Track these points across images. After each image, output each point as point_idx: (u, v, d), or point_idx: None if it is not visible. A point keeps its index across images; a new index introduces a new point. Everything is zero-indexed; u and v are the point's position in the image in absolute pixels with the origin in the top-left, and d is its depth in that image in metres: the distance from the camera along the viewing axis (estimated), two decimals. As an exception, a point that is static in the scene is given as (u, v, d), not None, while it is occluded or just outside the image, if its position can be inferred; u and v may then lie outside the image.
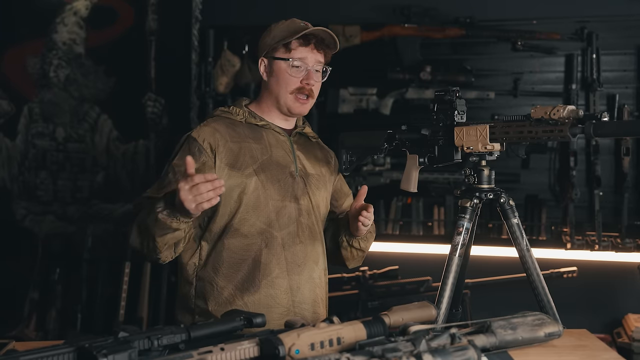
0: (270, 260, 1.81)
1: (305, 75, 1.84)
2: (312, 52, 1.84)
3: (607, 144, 3.35)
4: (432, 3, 3.45)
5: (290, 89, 1.84)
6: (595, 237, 3.21)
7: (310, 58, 1.84)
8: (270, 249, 1.81)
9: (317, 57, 1.86)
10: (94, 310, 3.59)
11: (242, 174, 1.80)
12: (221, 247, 1.81)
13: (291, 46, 1.82)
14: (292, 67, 1.83)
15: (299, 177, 1.88)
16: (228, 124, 1.85)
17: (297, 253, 1.84)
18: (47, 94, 3.82)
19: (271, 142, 1.87)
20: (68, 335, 3.31)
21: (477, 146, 1.75)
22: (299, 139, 1.95)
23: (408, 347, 1.16)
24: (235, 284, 1.80)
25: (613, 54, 3.35)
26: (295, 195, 1.86)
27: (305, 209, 1.87)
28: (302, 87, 1.84)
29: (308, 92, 1.85)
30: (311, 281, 1.87)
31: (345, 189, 2.08)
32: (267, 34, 1.88)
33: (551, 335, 1.47)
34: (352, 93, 3.52)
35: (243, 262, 1.80)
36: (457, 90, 1.80)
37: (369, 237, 1.95)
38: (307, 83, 1.84)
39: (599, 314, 3.32)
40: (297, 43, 1.83)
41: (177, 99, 3.70)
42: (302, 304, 1.85)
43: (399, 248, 3.44)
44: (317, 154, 1.98)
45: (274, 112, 1.90)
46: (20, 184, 3.84)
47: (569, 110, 1.58)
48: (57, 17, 3.79)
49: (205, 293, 1.81)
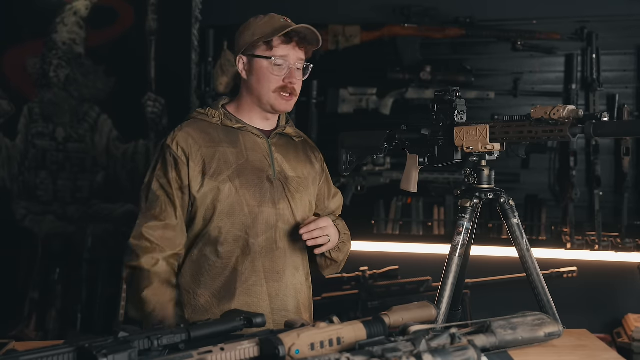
0: (247, 268, 1.77)
1: (288, 73, 1.79)
2: (294, 50, 1.79)
3: (607, 144, 3.34)
4: (432, 3, 3.45)
5: (273, 87, 1.78)
6: (595, 237, 3.21)
7: (292, 56, 1.79)
8: (246, 256, 1.77)
9: (299, 54, 1.80)
10: (94, 310, 3.59)
11: (215, 180, 1.76)
12: (198, 255, 1.79)
13: (273, 44, 1.77)
14: (274, 66, 1.77)
15: (277, 180, 1.82)
16: (203, 128, 1.81)
17: (276, 260, 1.80)
18: (47, 94, 3.82)
19: (247, 146, 1.82)
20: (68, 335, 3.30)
21: (477, 146, 1.75)
22: (279, 141, 1.88)
23: (408, 347, 1.16)
24: (212, 291, 1.78)
25: (613, 54, 3.35)
26: (273, 200, 1.80)
27: (284, 214, 1.82)
28: (285, 86, 1.79)
29: (291, 90, 1.80)
30: (292, 287, 1.84)
31: (331, 189, 2.02)
32: (246, 30, 1.82)
33: (551, 335, 1.47)
34: (352, 93, 3.52)
35: (219, 270, 1.78)
36: (457, 90, 1.79)
37: (341, 247, 1.91)
38: (290, 82, 1.79)
39: (599, 314, 3.32)
40: (279, 40, 1.77)
41: (177, 99, 3.70)
42: (282, 311, 1.81)
43: (399, 248, 3.44)
44: (299, 155, 1.91)
45: (255, 111, 1.84)
46: (20, 184, 3.84)
47: (569, 110, 1.58)
48: (57, 17, 3.79)
49: (182, 300, 1.79)
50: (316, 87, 3.49)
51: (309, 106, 3.48)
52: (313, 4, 3.54)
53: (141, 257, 1.74)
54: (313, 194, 1.93)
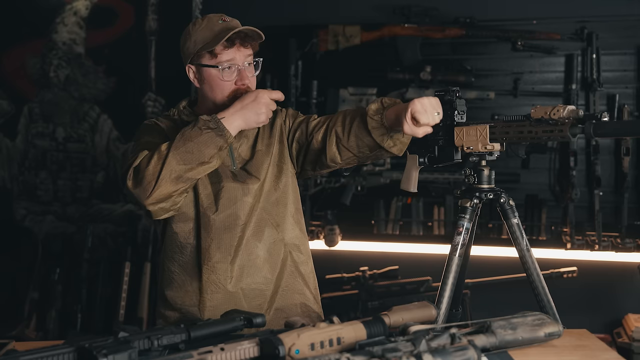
0: (210, 245, 1.77)
1: (238, 75, 1.77)
2: (238, 51, 1.75)
3: (607, 144, 3.35)
4: (432, 3, 3.45)
5: (226, 93, 1.77)
6: (595, 237, 3.22)
7: (238, 57, 1.75)
8: (208, 233, 1.77)
9: (245, 52, 1.77)
10: (94, 310, 3.60)
11: None
12: (170, 232, 1.82)
13: (216, 51, 1.73)
14: (222, 72, 1.75)
15: (238, 170, 1.81)
16: (172, 121, 1.86)
17: (241, 235, 1.78)
18: (47, 94, 3.82)
19: None
20: (68, 335, 3.31)
21: (477, 146, 1.75)
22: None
23: (408, 347, 1.16)
24: (183, 267, 1.79)
25: (613, 54, 3.35)
26: (236, 177, 1.79)
27: (253, 188, 1.79)
28: (238, 89, 1.77)
29: (245, 90, 1.77)
30: (264, 263, 1.80)
31: (301, 117, 1.94)
32: (187, 40, 1.79)
33: (551, 335, 1.47)
34: (352, 93, 3.52)
35: (185, 247, 1.79)
36: (457, 90, 1.79)
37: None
38: (242, 84, 1.77)
39: (599, 314, 3.32)
40: (222, 46, 1.73)
41: (177, 99, 3.67)
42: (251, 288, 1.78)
43: (399, 248, 3.44)
44: (260, 133, 1.87)
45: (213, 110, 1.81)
46: (20, 184, 3.84)
47: (569, 110, 1.58)
48: (57, 17, 3.79)
49: (164, 279, 1.83)
50: (316, 87, 3.49)
51: (309, 106, 3.49)
52: (313, 4, 3.54)
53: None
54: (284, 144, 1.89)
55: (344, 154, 1.79)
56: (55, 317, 3.60)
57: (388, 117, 1.70)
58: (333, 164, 1.82)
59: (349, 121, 1.78)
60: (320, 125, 1.84)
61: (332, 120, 1.82)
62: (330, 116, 1.86)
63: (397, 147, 1.75)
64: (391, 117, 1.70)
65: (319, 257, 1.94)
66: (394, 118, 1.69)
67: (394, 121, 1.69)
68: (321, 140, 1.82)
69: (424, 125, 1.64)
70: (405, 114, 1.63)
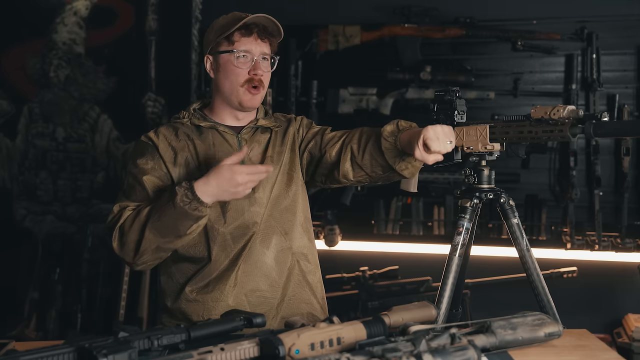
0: (220, 256, 1.77)
1: (253, 65, 1.78)
2: (255, 43, 1.77)
3: (607, 144, 3.35)
4: (432, 3, 3.45)
5: (240, 81, 1.77)
6: (595, 237, 3.22)
7: (255, 49, 1.77)
8: (217, 244, 1.76)
9: (262, 47, 1.79)
10: (94, 310, 3.59)
11: (183, 171, 1.78)
12: None
13: (233, 38, 1.76)
14: (237, 58, 1.76)
15: None
16: (175, 128, 1.84)
17: (251, 246, 1.77)
18: (47, 94, 3.82)
19: (216, 143, 1.81)
20: (68, 335, 3.31)
21: (477, 146, 1.75)
22: (253, 135, 1.86)
23: (408, 347, 1.16)
24: (191, 280, 1.78)
25: (613, 54, 3.35)
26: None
27: (261, 197, 1.79)
28: (251, 79, 1.77)
29: (258, 82, 1.78)
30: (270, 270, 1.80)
31: (316, 128, 1.93)
32: (209, 31, 1.83)
33: (551, 335, 1.47)
34: (352, 93, 3.52)
35: (194, 260, 1.78)
36: (457, 90, 1.79)
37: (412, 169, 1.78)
38: (254, 73, 1.77)
39: (599, 314, 3.32)
40: (239, 34, 1.76)
41: (177, 99, 3.70)
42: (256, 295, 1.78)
43: (399, 248, 3.44)
44: (276, 141, 1.87)
45: (226, 110, 1.83)
46: (20, 184, 3.84)
47: (569, 110, 1.58)
48: (57, 17, 3.79)
49: (167, 290, 1.82)
50: (316, 87, 3.49)
51: (309, 106, 3.49)
52: (313, 4, 3.54)
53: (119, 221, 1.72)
54: (296, 153, 1.89)
55: (357, 171, 1.80)
56: (55, 317, 3.60)
57: (402, 140, 1.71)
58: (345, 180, 1.83)
59: (365, 139, 1.78)
60: (336, 140, 1.85)
61: (348, 136, 1.83)
62: (347, 131, 1.86)
63: (408, 170, 1.76)
64: (405, 140, 1.70)
65: (319, 257, 1.93)
66: (407, 142, 1.69)
67: (407, 145, 1.69)
68: (335, 155, 1.82)
69: (435, 153, 1.64)
70: (417, 139, 1.63)
